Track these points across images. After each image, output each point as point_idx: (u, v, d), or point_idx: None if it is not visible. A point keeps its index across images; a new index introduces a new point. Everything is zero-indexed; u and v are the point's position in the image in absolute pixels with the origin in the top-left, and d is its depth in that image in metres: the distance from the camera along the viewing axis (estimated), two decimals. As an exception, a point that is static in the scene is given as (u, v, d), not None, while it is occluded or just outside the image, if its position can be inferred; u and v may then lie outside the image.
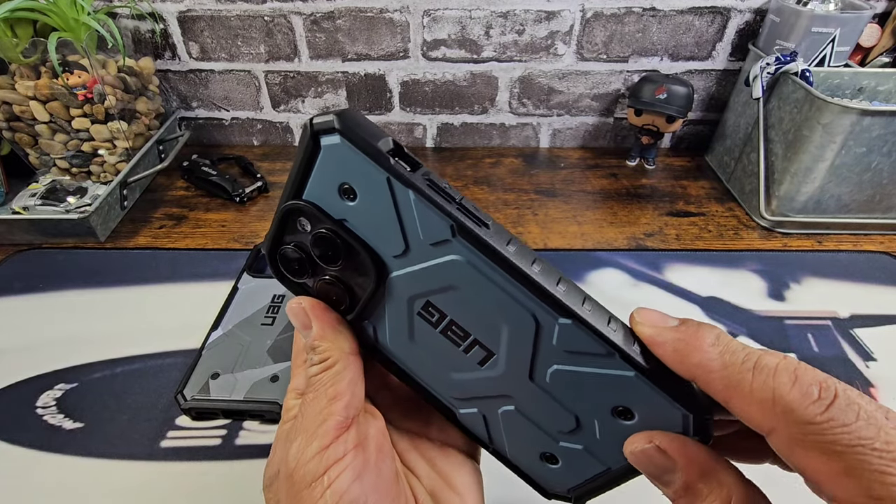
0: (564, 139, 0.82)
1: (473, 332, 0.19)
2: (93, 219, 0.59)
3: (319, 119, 0.17)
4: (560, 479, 0.22)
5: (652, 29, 0.71)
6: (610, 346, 0.17)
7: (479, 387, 0.20)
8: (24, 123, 0.63)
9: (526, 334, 0.18)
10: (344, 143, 0.17)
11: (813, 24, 0.61)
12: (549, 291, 0.17)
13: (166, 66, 0.75)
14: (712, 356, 0.16)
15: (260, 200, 0.69)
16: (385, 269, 0.19)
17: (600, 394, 0.18)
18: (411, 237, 0.18)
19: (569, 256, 0.59)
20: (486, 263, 0.17)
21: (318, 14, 0.70)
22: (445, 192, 0.17)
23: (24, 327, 0.50)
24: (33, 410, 0.43)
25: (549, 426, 0.20)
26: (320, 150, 0.17)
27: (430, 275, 0.18)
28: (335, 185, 0.18)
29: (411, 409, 0.24)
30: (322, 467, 0.18)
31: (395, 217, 0.17)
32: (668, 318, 0.17)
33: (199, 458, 0.40)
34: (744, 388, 0.15)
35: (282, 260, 0.21)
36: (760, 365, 0.15)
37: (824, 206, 0.61)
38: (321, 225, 0.19)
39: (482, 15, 0.70)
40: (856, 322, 0.51)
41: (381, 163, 0.17)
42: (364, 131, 0.17)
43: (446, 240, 0.17)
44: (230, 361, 0.44)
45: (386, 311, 0.20)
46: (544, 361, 0.18)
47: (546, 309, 0.17)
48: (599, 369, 0.18)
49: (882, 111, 0.53)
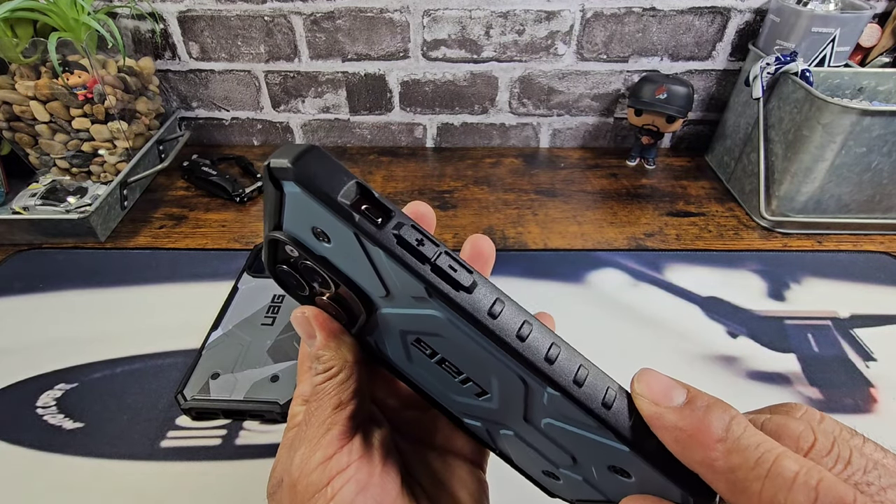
0: (564, 139, 0.82)
1: (466, 372, 0.18)
2: (93, 219, 0.59)
3: (276, 162, 0.15)
4: (563, 492, 0.22)
5: (652, 29, 0.71)
6: (602, 423, 0.15)
7: (479, 412, 0.20)
8: (24, 123, 0.63)
9: (516, 390, 0.17)
10: (303, 193, 0.15)
11: (813, 24, 0.61)
12: (536, 366, 0.15)
13: (166, 66, 0.75)
14: (717, 455, 0.13)
15: (260, 200, 0.69)
16: (373, 306, 0.18)
17: (596, 452, 0.17)
18: (391, 286, 0.17)
19: (569, 256, 0.59)
20: (467, 326, 0.16)
21: (318, 14, 0.70)
22: (417, 250, 0.15)
23: (24, 327, 0.50)
24: (33, 410, 0.43)
25: (548, 456, 0.20)
26: (283, 194, 0.16)
27: (414, 320, 0.17)
28: (307, 227, 0.17)
29: (417, 415, 0.24)
30: (325, 478, 0.18)
31: (371, 268, 0.16)
32: (675, 390, 0.15)
33: (199, 458, 0.40)
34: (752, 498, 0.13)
35: (281, 276, 0.20)
36: (775, 473, 0.12)
37: (824, 206, 0.61)
38: (304, 258, 0.18)
39: (482, 15, 0.70)
40: (856, 322, 0.51)
41: (344, 217, 0.15)
42: (323, 180, 0.15)
43: (423, 297, 0.16)
44: (230, 361, 0.44)
45: (382, 335, 0.20)
46: (537, 413, 0.17)
47: (534, 378, 0.16)
48: (593, 435, 0.16)
49: (882, 111, 0.53)
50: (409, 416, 0.24)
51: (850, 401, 0.44)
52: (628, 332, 0.50)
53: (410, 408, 0.24)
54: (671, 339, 0.49)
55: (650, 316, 0.52)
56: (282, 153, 0.15)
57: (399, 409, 0.24)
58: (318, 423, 0.19)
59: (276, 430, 0.41)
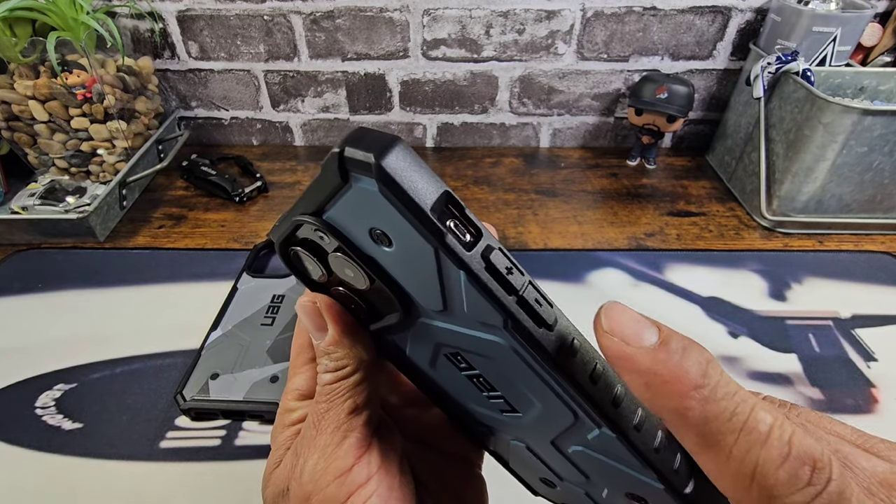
0: (565, 139, 0.82)
1: (502, 391, 0.17)
2: (92, 219, 0.59)
3: (354, 153, 0.12)
4: (555, 497, 0.21)
5: (652, 28, 0.71)
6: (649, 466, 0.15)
7: (496, 423, 0.19)
8: (22, 123, 0.63)
9: (560, 421, 0.16)
10: (383, 195, 0.13)
11: (814, 23, 0.61)
12: (604, 410, 0.14)
13: (165, 65, 0.75)
14: (692, 404, 0.12)
15: (259, 200, 0.69)
16: (416, 312, 0.16)
17: (620, 481, 0.16)
18: (454, 305, 0.15)
19: (569, 256, 0.59)
20: (536, 361, 0.14)
21: (318, 13, 0.70)
22: (506, 280, 0.14)
23: (24, 327, 0.50)
24: (32, 411, 0.42)
25: (557, 471, 0.19)
26: (349, 188, 0.13)
27: (467, 340, 0.15)
28: (365, 225, 0.14)
29: (418, 413, 0.23)
30: (344, 493, 0.16)
31: (438, 283, 0.14)
32: (647, 328, 0.13)
33: (198, 458, 0.39)
34: (721, 452, 0.12)
35: (294, 259, 0.17)
36: (750, 426, 0.12)
37: (825, 206, 0.61)
38: (344, 251, 0.15)
39: (482, 14, 0.70)
40: (857, 322, 0.51)
41: (430, 232, 0.13)
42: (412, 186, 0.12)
43: (495, 326, 0.14)
44: (230, 362, 0.44)
45: (408, 338, 0.17)
46: (571, 441, 0.17)
47: (593, 417, 0.15)
48: (628, 469, 0.16)
49: (883, 111, 0.53)
50: (409, 414, 0.23)
51: (851, 401, 0.44)
52: (629, 333, 0.50)
53: (411, 405, 0.23)
54: (672, 340, 0.49)
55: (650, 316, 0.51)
56: (360, 141, 0.13)
57: (399, 406, 0.23)
58: (332, 428, 0.17)
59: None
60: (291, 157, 0.80)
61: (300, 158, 0.80)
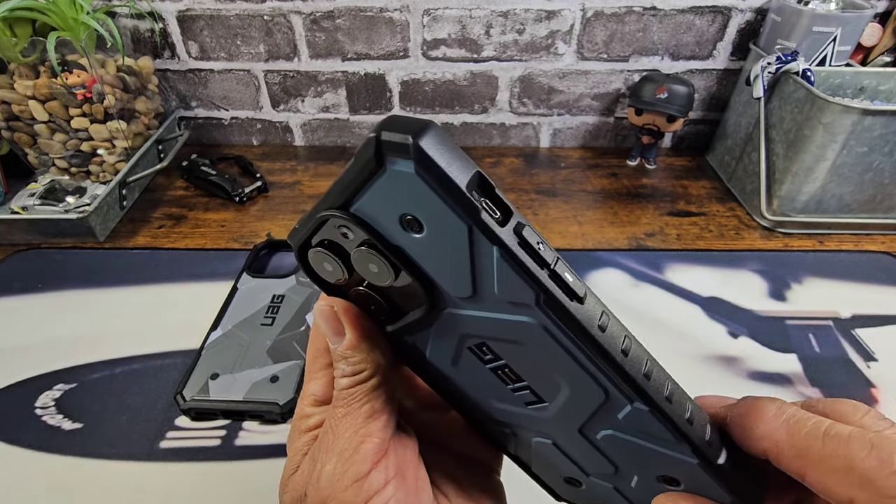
0: (565, 139, 0.82)
1: (528, 380, 0.17)
2: (92, 219, 0.59)
3: (391, 136, 0.13)
4: (579, 497, 0.21)
5: (652, 28, 0.71)
6: (683, 439, 0.15)
7: (520, 420, 0.19)
8: (22, 123, 0.63)
9: (590, 402, 0.16)
10: (419, 176, 0.13)
11: (814, 23, 0.61)
12: (637, 382, 0.15)
13: (165, 65, 0.75)
14: (776, 425, 0.15)
15: (259, 200, 0.69)
16: (441, 303, 0.16)
17: (652, 463, 0.17)
18: (483, 288, 0.15)
19: (569, 256, 0.59)
20: (568, 337, 0.15)
21: (318, 13, 0.70)
22: (538, 254, 0.14)
23: (24, 327, 0.50)
24: (32, 411, 0.42)
25: (584, 465, 0.19)
26: (384, 172, 0.14)
27: (495, 325, 0.16)
28: (396, 212, 0.14)
29: (435, 417, 0.22)
30: (361, 499, 0.16)
31: (469, 265, 0.14)
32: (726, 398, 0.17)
33: (198, 458, 0.39)
34: (814, 456, 0.14)
35: (313, 260, 0.17)
36: (831, 433, 0.14)
37: (825, 206, 0.61)
38: (370, 245, 0.15)
39: (482, 14, 0.70)
40: (857, 322, 0.51)
41: (465, 209, 0.13)
42: (448, 166, 0.13)
43: (527, 304, 0.14)
44: (230, 362, 0.44)
45: (431, 335, 0.18)
46: (601, 425, 0.17)
47: (625, 392, 0.15)
48: (661, 448, 0.16)
49: (883, 111, 0.53)
50: (425, 418, 0.22)
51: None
52: (629, 333, 0.50)
53: (427, 409, 0.22)
54: (672, 340, 0.49)
55: (651, 316, 0.51)
56: (395, 125, 0.13)
57: (415, 410, 0.22)
58: (350, 433, 0.17)
59: (275, 431, 0.41)
60: (291, 157, 0.80)
61: (300, 158, 0.80)
